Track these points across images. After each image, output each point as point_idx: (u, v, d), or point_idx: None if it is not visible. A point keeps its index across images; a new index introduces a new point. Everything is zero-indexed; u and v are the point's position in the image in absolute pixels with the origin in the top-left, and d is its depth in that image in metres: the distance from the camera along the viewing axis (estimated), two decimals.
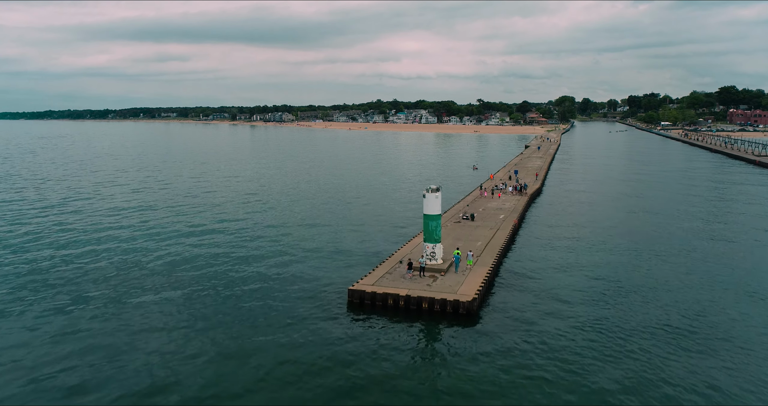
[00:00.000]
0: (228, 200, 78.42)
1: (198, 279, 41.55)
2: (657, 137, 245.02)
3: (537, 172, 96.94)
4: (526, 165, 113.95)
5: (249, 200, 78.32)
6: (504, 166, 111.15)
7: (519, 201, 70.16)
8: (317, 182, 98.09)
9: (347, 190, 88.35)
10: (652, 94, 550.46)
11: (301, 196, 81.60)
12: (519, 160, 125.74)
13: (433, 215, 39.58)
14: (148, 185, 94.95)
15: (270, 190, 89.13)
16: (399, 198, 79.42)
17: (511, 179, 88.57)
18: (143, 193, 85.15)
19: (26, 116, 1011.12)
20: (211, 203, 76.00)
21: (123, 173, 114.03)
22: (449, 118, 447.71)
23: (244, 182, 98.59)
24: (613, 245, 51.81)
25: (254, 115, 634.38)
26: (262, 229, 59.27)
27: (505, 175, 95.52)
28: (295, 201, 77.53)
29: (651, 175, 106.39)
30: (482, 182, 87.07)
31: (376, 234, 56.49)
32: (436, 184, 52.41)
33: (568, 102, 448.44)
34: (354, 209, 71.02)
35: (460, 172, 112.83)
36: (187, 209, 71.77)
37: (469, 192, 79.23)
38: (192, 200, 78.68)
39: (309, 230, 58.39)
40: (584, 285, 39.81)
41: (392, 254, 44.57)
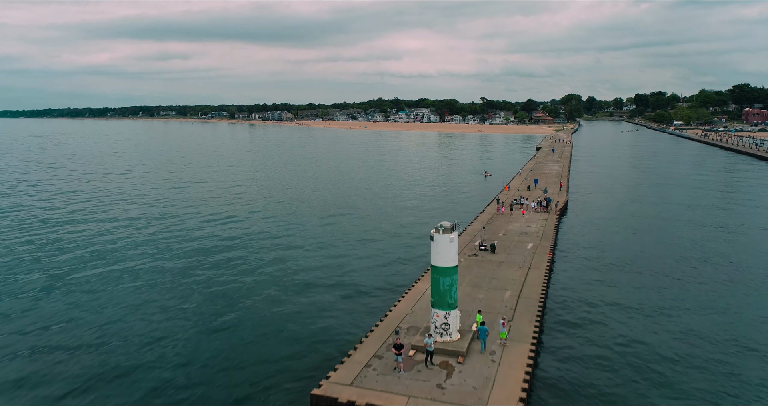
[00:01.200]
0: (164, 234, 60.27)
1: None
2: (671, 138, 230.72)
3: (561, 182, 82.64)
4: (543, 170, 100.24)
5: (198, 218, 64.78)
6: (519, 173, 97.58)
7: (546, 221, 56.42)
8: (300, 192, 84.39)
9: (334, 202, 74.52)
10: (660, 92, 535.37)
11: (271, 213, 67.81)
12: (533, 164, 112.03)
13: (447, 268, 25.76)
14: (99, 201, 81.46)
15: (240, 206, 75.55)
16: (397, 216, 65.52)
17: (530, 190, 74.88)
18: (97, 209, 71.64)
19: (26, 114, 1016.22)
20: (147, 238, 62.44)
21: (84, 179, 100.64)
22: (452, 117, 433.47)
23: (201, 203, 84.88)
24: (699, 289, 38.06)
25: (253, 114, 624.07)
26: (207, 269, 45.66)
27: (523, 184, 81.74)
28: (265, 219, 63.79)
29: (690, 179, 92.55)
30: (498, 194, 73.28)
31: (361, 275, 41.96)
32: (450, 220, 35.33)
33: (574, 100, 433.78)
34: (336, 232, 56.50)
35: (469, 178, 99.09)
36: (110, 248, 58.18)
37: (483, 208, 65.43)
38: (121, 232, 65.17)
39: (264, 271, 44.07)
40: (685, 367, 26.16)
41: (384, 316, 30.93)
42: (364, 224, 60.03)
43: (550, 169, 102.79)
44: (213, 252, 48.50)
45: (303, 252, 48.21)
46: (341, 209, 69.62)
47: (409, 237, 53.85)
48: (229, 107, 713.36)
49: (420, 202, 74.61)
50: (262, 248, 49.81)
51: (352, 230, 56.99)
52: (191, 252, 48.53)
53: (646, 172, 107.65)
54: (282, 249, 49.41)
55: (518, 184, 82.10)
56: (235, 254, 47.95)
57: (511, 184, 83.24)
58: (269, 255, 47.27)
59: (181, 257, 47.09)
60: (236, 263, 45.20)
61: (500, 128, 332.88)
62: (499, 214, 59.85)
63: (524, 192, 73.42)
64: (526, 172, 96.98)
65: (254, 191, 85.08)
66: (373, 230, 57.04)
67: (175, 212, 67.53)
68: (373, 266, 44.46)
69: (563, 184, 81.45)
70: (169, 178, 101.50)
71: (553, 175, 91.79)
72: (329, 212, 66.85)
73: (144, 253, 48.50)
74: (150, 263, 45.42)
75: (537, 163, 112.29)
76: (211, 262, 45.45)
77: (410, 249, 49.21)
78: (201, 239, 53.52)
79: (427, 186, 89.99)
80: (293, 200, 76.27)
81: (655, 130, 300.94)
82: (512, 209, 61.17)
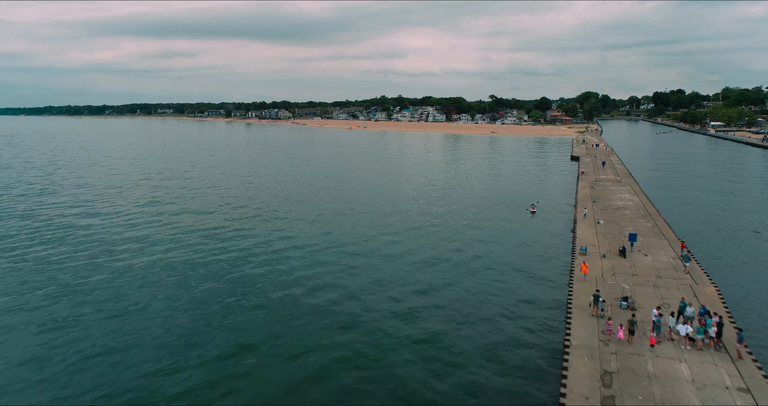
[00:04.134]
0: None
1: None
2: (717, 142, 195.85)
3: (683, 244, 45.00)
4: (612, 201, 66.91)
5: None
6: (585, 216, 64.23)
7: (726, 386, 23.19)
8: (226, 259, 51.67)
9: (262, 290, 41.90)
10: (679, 90, 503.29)
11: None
12: (588, 187, 78.38)
13: None
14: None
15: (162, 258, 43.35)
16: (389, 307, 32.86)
17: (626, 256, 41.59)
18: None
19: (26, 112, 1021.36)
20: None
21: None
22: (459, 116, 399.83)
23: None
24: None
25: (250, 112, 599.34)
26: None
27: (605, 243, 48.29)
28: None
29: None
30: (592, 291, 39.76)
31: None
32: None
33: (593, 99, 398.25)
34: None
35: (513, 218, 65.62)
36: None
37: (564, 319, 32.39)
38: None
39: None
40: None
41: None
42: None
43: (620, 198, 69.26)
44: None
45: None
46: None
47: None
48: (225, 105, 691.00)
49: (435, 299, 41.60)
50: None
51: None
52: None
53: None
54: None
55: (592, 237, 48.59)
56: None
57: (580, 235, 49.65)
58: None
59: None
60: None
61: (514, 129, 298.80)
62: (608, 343, 26.80)
63: (622, 267, 39.96)
64: (588, 205, 63.46)
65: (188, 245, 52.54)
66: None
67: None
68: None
69: (679, 240, 47.51)
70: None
71: (640, 218, 58.12)
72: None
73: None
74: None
75: (595, 187, 78.60)
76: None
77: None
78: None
79: (443, 246, 56.80)
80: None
81: (690, 132, 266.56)
82: (632, 334, 27.77)
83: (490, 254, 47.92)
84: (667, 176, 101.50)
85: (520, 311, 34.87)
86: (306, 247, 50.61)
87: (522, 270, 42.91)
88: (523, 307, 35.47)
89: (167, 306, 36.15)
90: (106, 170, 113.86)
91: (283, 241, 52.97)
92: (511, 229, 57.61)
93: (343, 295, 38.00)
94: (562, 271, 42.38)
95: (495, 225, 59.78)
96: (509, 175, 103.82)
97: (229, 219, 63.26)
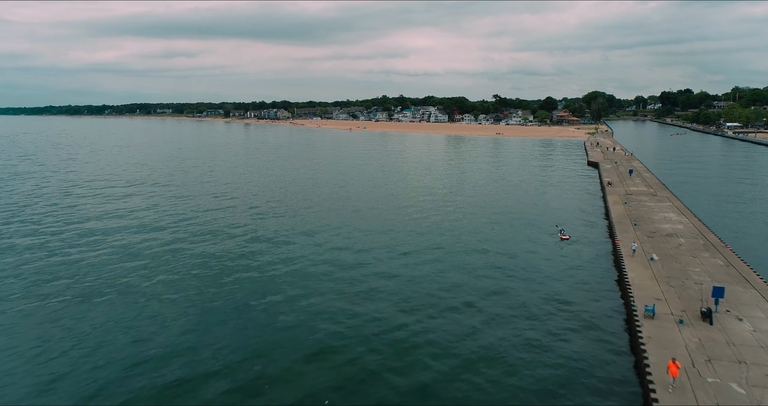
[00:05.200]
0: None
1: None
2: (735, 144, 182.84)
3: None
4: (652, 219, 54.50)
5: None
6: (610, 226, 51.79)
7: None
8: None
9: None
10: (687, 90, 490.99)
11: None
12: (620, 202, 65.88)
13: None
14: None
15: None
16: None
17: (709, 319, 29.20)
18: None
19: (27, 112, 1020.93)
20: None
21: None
22: (462, 117, 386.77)
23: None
24: None
25: (248, 112, 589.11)
26: None
27: (687, 304, 35.92)
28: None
29: None
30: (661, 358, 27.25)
31: None
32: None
33: (601, 98, 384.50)
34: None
35: (536, 249, 53.00)
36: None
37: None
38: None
39: None
40: None
41: None
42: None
43: (665, 219, 56.54)
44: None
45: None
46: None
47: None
48: (223, 105, 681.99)
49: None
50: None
51: None
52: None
53: None
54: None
55: (651, 283, 36.06)
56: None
57: (633, 279, 36.99)
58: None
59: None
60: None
61: (519, 130, 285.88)
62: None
63: (715, 346, 27.60)
64: (628, 230, 50.96)
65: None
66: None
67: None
68: None
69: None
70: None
71: (703, 251, 45.62)
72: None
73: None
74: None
75: (629, 204, 65.94)
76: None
77: None
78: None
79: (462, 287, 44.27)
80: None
81: (705, 133, 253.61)
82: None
83: (514, 317, 35.39)
84: (708, 186, 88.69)
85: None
86: (302, 298, 38.19)
87: (563, 355, 29.43)
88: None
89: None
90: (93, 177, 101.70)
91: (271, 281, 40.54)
92: (536, 267, 44.85)
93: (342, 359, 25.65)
94: (625, 363, 28.09)
95: (516, 257, 47.23)
96: (522, 184, 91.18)
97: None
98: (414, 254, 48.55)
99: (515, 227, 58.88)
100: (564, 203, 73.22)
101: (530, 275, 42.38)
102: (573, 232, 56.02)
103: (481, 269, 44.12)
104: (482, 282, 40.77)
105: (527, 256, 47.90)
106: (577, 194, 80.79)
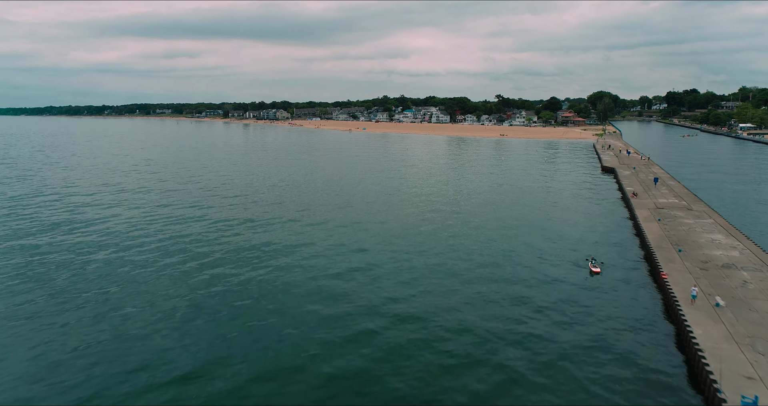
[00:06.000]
0: None
1: None
2: (753, 147, 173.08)
3: None
4: (697, 242, 45.04)
5: None
6: (650, 253, 42.34)
7: None
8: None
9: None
10: (694, 90, 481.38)
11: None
12: (648, 213, 56.39)
13: None
14: None
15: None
16: None
17: None
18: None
19: (27, 112, 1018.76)
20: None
21: None
22: (464, 117, 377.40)
23: None
24: None
25: (247, 113, 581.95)
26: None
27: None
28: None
29: None
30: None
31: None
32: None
33: (607, 98, 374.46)
34: None
35: (562, 288, 43.55)
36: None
37: None
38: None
39: None
40: None
41: None
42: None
43: (714, 243, 46.95)
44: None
45: None
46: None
47: None
48: (222, 106, 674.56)
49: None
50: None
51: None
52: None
53: None
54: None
55: (726, 344, 26.70)
56: None
57: (701, 339, 27.48)
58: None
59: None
60: None
61: (524, 131, 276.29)
62: None
63: None
64: (673, 257, 41.59)
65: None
66: None
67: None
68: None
69: None
70: None
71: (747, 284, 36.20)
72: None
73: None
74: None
75: (663, 221, 56.46)
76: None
77: None
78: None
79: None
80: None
81: (717, 134, 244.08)
82: None
83: (543, 386, 26.06)
84: (744, 196, 78.96)
85: None
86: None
87: None
88: None
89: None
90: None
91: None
92: (566, 313, 35.40)
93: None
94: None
95: (537, 298, 37.80)
96: (533, 194, 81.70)
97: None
98: (419, 283, 39.21)
99: (532, 252, 49.37)
100: (584, 219, 63.59)
101: (555, 330, 32.85)
102: (601, 257, 46.50)
103: (498, 307, 34.72)
104: (499, 325, 31.41)
105: (551, 295, 38.41)
106: (597, 207, 71.17)
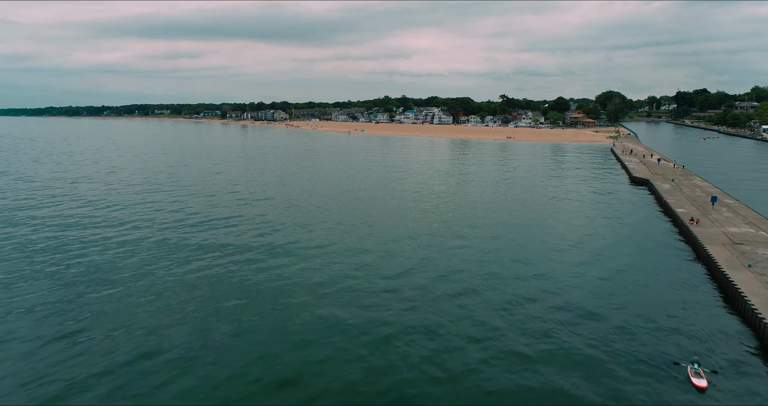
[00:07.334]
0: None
1: None
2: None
3: None
4: None
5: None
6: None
7: None
8: None
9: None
10: (704, 90, 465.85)
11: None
12: (727, 252, 41.39)
13: None
14: None
15: None
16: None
17: None
18: None
19: (27, 113, 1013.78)
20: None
21: None
22: (467, 118, 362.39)
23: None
24: None
25: (245, 113, 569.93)
26: None
27: None
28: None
29: None
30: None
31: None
32: None
33: (617, 99, 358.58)
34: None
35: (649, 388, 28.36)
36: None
37: None
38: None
39: None
40: None
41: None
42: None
43: None
44: None
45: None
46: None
47: None
48: (220, 106, 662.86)
49: None
50: None
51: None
52: None
53: None
54: None
55: None
56: None
57: None
58: None
59: None
60: None
61: (531, 133, 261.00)
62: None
63: None
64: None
65: None
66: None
67: None
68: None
69: None
70: None
71: None
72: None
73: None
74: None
75: (756, 266, 41.57)
76: None
77: None
78: None
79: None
80: None
81: (738, 136, 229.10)
82: None
83: None
84: None
85: None
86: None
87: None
88: None
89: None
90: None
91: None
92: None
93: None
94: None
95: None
96: (556, 218, 66.42)
97: None
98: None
99: (589, 349, 34.30)
100: (635, 262, 46.84)
101: None
102: (696, 347, 31.10)
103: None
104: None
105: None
106: (645, 241, 52.26)
